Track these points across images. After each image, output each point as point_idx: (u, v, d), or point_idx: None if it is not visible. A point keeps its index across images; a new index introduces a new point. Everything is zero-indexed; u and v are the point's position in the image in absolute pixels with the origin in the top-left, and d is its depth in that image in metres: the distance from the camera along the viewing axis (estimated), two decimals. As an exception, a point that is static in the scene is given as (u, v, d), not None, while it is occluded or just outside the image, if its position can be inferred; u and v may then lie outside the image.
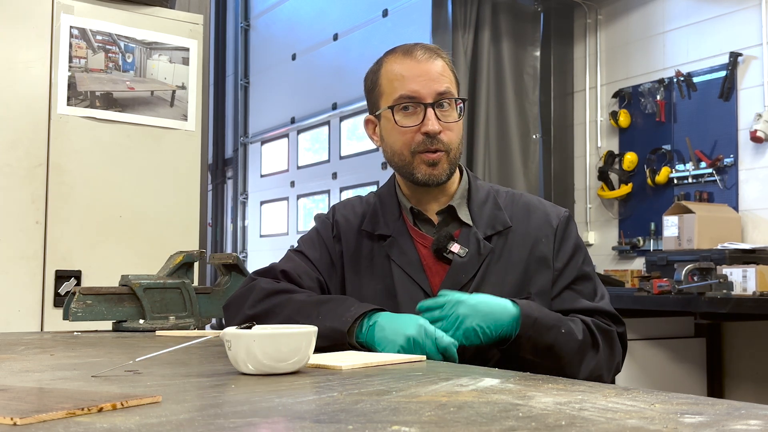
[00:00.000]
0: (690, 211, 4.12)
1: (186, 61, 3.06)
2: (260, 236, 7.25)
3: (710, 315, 3.50)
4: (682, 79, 4.60)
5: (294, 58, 6.70)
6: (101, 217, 2.85)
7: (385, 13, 5.59)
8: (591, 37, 5.23)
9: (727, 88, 4.35)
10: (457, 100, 1.50)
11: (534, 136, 5.12)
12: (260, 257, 7.06)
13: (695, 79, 4.55)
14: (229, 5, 7.67)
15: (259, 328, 1.13)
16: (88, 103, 2.85)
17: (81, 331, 1.92)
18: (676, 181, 4.64)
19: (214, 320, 2.46)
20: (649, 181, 4.74)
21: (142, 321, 1.96)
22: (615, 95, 5.02)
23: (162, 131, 2.99)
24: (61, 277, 2.75)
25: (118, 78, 2.92)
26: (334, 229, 1.60)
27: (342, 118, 6.07)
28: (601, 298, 1.51)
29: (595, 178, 5.15)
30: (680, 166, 4.61)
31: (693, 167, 4.52)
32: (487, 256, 1.49)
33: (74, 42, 2.83)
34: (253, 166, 7.38)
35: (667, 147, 4.69)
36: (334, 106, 6.08)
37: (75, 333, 1.89)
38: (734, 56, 4.31)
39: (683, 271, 3.46)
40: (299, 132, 6.66)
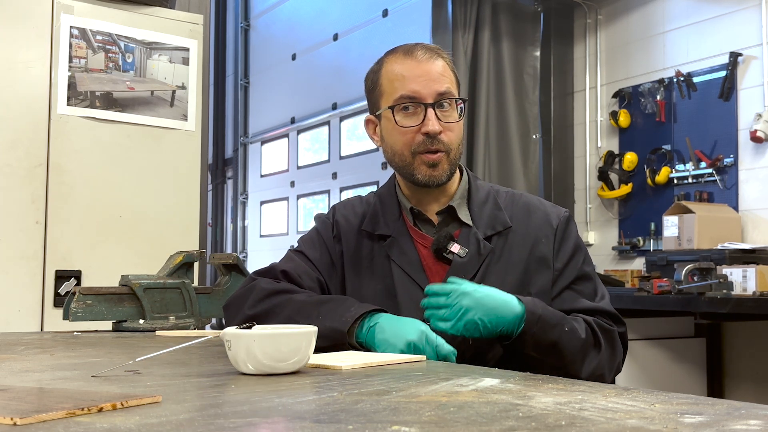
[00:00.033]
0: (690, 211, 4.12)
1: (186, 61, 3.06)
2: (260, 236, 7.25)
3: (710, 315, 3.50)
4: (682, 79, 4.60)
5: (294, 58, 6.70)
6: (101, 217, 2.85)
7: (385, 13, 5.59)
8: (591, 37, 5.23)
9: (727, 88, 4.35)
10: (457, 100, 1.50)
11: (534, 136, 5.12)
12: (260, 257, 7.06)
13: (695, 79, 4.55)
14: (229, 5, 7.67)
15: (259, 328, 1.13)
16: (88, 103, 2.85)
17: (81, 331, 1.92)
18: (676, 181, 4.64)
19: (214, 320, 2.46)
20: (649, 181, 4.74)
21: (142, 321, 1.96)
22: (615, 95, 5.02)
23: (162, 131, 2.99)
24: (61, 277, 2.75)
25: (118, 78, 2.92)
26: (335, 229, 1.60)
27: (342, 118, 6.07)
28: (601, 298, 1.51)
29: (595, 178, 5.15)
30: (680, 166, 4.61)
31: (693, 167, 4.52)
32: (487, 256, 1.48)
33: (74, 42, 2.83)
34: (253, 166, 7.38)
35: (667, 147, 4.69)
36: (334, 106, 6.08)
37: (75, 333, 1.89)
38: (734, 56, 4.31)
39: (683, 271, 3.46)
40: (299, 132, 6.66)
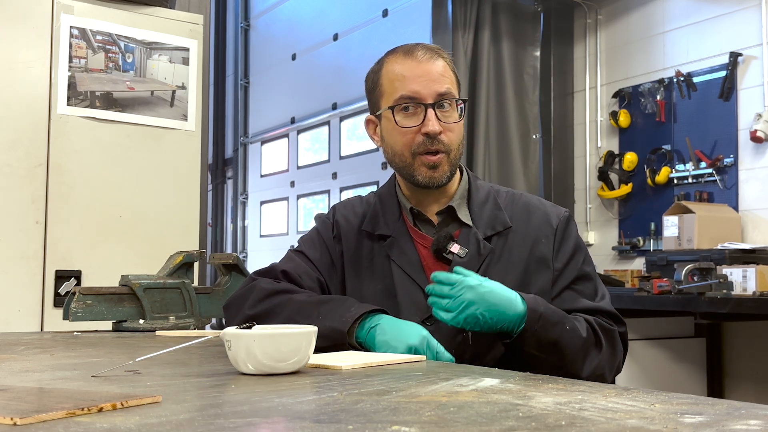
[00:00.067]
0: (690, 211, 4.12)
1: (186, 61, 3.06)
2: (260, 236, 7.25)
3: (710, 315, 3.50)
4: (682, 79, 4.60)
5: (294, 58, 6.70)
6: (101, 217, 2.85)
7: (385, 13, 5.59)
8: (591, 37, 5.23)
9: (727, 88, 4.35)
10: (457, 100, 1.50)
11: (534, 136, 5.11)
12: (260, 257, 7.06)
13: (695, 79, 4.55)
14: (229, 5, 7.67)
15: (259, 328, 1.13)
16: (88, 103, 2.85)
17: (81, 331, 1.92)
18: (676, 181, 4.64)
19: (214, 320, 2.46)
20: (649, 181, 4.74)
21: (142, 321, 1.96)
22: (615, 95, 5.02)
23: (162, 131, 2.99)
24: (61, 277, 2.75)
25: (118, 78, 2.92)
26: (335, 229, 1.60)
27: (342, 118, 6.07)
28: (601, 298, 1.51)
29: (595, 178, 5.15)
30: (680, 166, 4.61)
31: (693, 167, 4.52)
32: (487, 256, 1.48)
33: (74, 42, 2.83)
34: (253, 166, 7.38)
35: (667, 147, 4.69)
36: (334, 106, 6.08)
37: (75, 333, 1.89)
38: (734, 56, 4.31)
39: (683, 271, 3.46)
40: (299, 132, 6.66)
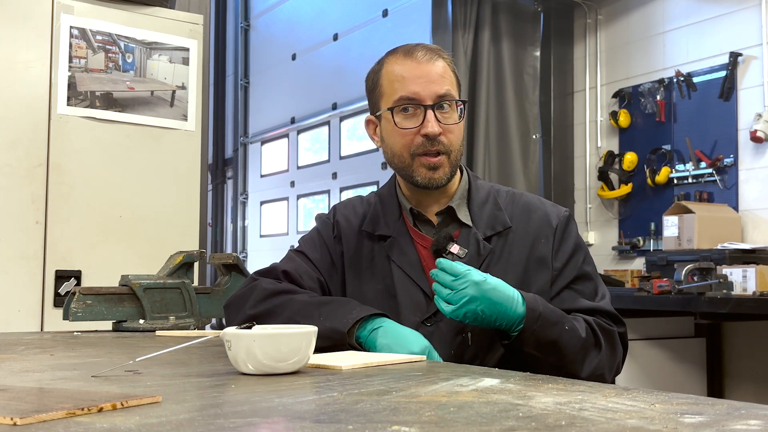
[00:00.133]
0: (690, 211, 4.12)
1: (186, 61, 3.06)
2: (260, 236, 7.25)
3: (710, 315, 3.50)
4: (682, 79, 4.60)
5: (294, 58, 6.70)
6: (101, 217, 2.85)
7: (385, 13, 5.59)
8: (591, 37, 5.23)
9: (727, 88, 4.35)
10: (457, 101, 1.49)
11: (534, 136, 5.12)
12: (260, 257, 7.06)
13: (695, 79, 4.55)
14: (229, 5, 7.67)
15: (259, 328, 1.13)
16: (88, 103, 2.85)
17: (81, 331, 1.92)
18: (676, 181, 4.64)
19: (214, 320, 2.46)
20: (649, 181, 4.74)
21: (142, 321, 1.96)
22: (615, 95, 5.02)
23: (162, 131, 2.99)
24: (61, 277, 2.75)
25: (118, 78, 2.92)
26: (335, 229, 1.59)
27: (342, 118, 6.07)
28: (601, 298, 1.50)
29: (595, 178, 5.15)
30: (680, 166, 4.61)
31: (693, 167, 4.52)
32: (487, 256, 1.48)
33: (74, 42, 2.83)
34: (253, 166, 7.38)
35: (667, 147, 4.69)
36: (334, 106, 6.08)
37: (75, 333, 1.89)
38: (734, 56, 4.31)
39: (683, 271, 3.46)
40: (299, 132, 6.66)
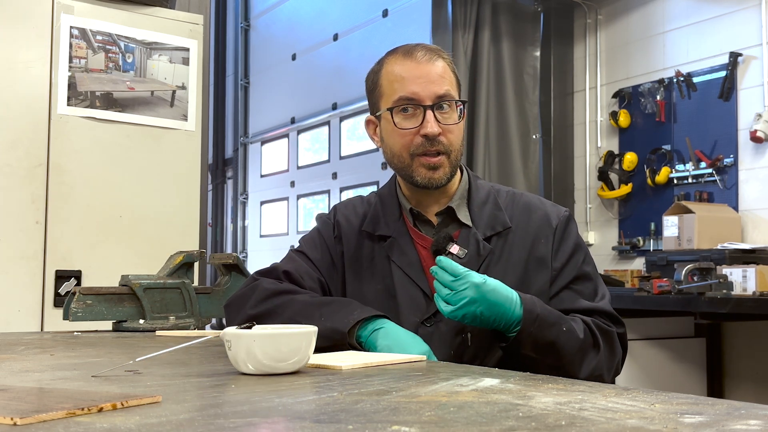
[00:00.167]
0: (690, 211, 4.12)
1: (186, 61, 3.06)
2: (260, 236, 7.25)
3: (710, 315, 3.50)
4: (682, 79, 4.60)
5: (294, 58, 6.70)
6: (101, 217, 2.85)
7: (385, 13, 5.59)
8: (591, 37, 5.23)
9: (727, 88, 4.35)
10: (457, 102, 1.49)
11: (534, 136, 5.11)
12: (260, 257, 7.06)
13: (695, 79, 4.55)
14: (229, 5, 7.67)
15: (259, 328, 1.13)
16: (88, 103, 2.85)
17: (81, 331, 1.92)
18: (676, 181, 4.64)
19: (214, 320, 2.46)
20: (649, 181, 4.74)
21: (142, 321, 1.96)
22: (615, 95, 5.02)
23: (162, 131, 2.99)
24: (61, 277, 2.75)
25: (118, 78, 2.92)
26: (336, 229, 1.59)
27: (342, 118, 6.07)
28: (601, 299, 1.49)
29: (595, 178, 5.15)
30: (680, 166, 4.61)
31: (693, 167, 4.52)
32: (487, 257, 1.48)
33: (74, 42, 2.83)
34: (253, 166, 7.38)
35: (667, 147, 4.69)
36: (334, 106, 6.08)
37: (75, 333, 1.89)
38: (734, 56, 4.31)
39: (683, 271, 3.46)
40: (299, 132, 6.66)
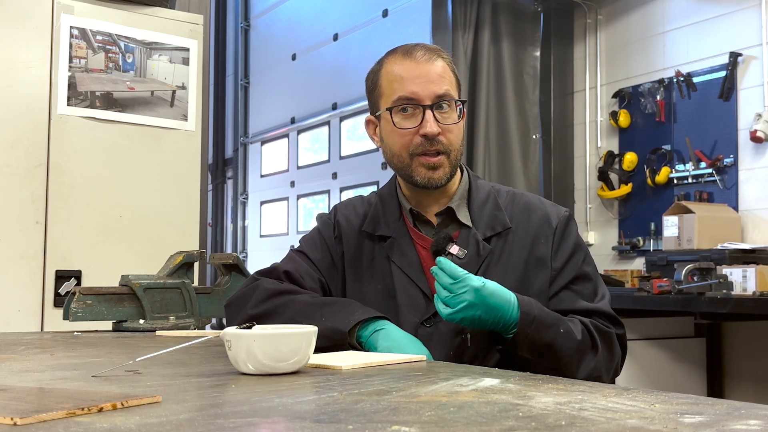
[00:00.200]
0: (690, 211, 4.12)
1: (186, 61, 3.06)
2: (260, 236, 7.25)
3: (710, 315, 3.50)
4: (682, 79, 4.60)
5: (294, 58, 6.70)
6: (101, 217, 2.85)
7: (385, 13, 5.59)
8: (591, 37, 5.23)
9: (727, 88, 4.35)
10: (456, 101, 1.49)
11: (534, 136, 5.11)
12: (260, 257, 7.06)
13: (695, 79, 4.55)
14: (229, 5, 7.67)
15: (259, 328, 1.13)
16: (88, 103, 2.85)
17: (81, 331, 1.92)
18: (676, 181, 4.64)
19: (214, 320, 2.46)
20: (649, 181, 4.74)
21: (142, 321, 1.96)
22: (615, 95, 5.02)
23: (162, 131, 2.99)
24: (61, 277, 2.75)
25: (118, 78, 2.92)
26: (336, 229, 1.59)
27: (342, 118, 6.07)
28: (601, 299, 1.49)
29: (595, 178, 5.15)
30: (680, 166, 4.61)
31: (693, 167, 4.52)
32: (487, 257, 1.47)
33: (74, 42, 2.83)
34: (253, 166, 7.37)
35: (667, 147, 4.69)
36: (334, 106, 6.08)
37: (75, 333, 1.89)
38: (734, 56, 4.31)
39: (683, 271, 3.46)
40: (299, 132, 6.66)
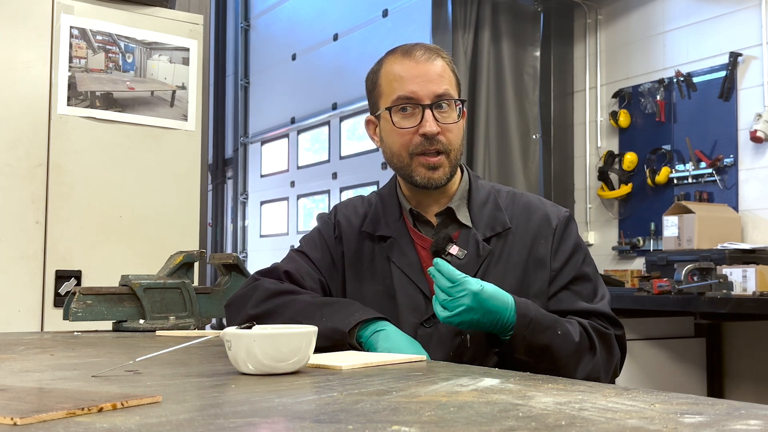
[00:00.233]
0: (690, 211, 4.12)
1: (186, 61, 3.06)
2: (260, 236, 7.25)
3: (710, 315, 3.50)
4: (682, 79, 4.60)
5: (294, 58, 6.70)
6: (101, 217, 2.85)
7: (385, 13, 5.59)
8: (591, 37, 5.23)
9: (727, 88, 4.35)
10: (456, 101, 1.49)
11: (534, 136, 5.11)
12: (260, 257, 7.06)
13: (695, 79, 4.55)
14: (229, 5, 7.67)
15: (259, 328, 1.13)
16: (88, 103, 2.85)
17: (81, 331, 1.92)
18: (676, 181, 4.64)
19: (214, 320, 2.46)
20: (649, 181, 4.74)
21: (142, 321, 1.96)
22: (615, 95, 5.02)
23: (162, 131, 2.99)
24: (61, 277, 2.75)
25: (118, 78, 2.92)
26: (336, 229, 1.59)
27: (342, 118, 6.07)
28: (600, 299, 1.49)
29: (595, 178, 5.15)
30: (680, 166, 4.61)
31: (693, 167, 4.52)
32: (486, 257, 1.47)
33: (74, 42, 2.83)
34: (253, 166, 7.38)
35: (667, 147, 4.69)
36: (334, 106, 6.08)
37: (75, 333, 1.89)
38: (734, 56, 4.31)
39: (683, 271, 3.46)
40: (299, 132, 6.66)
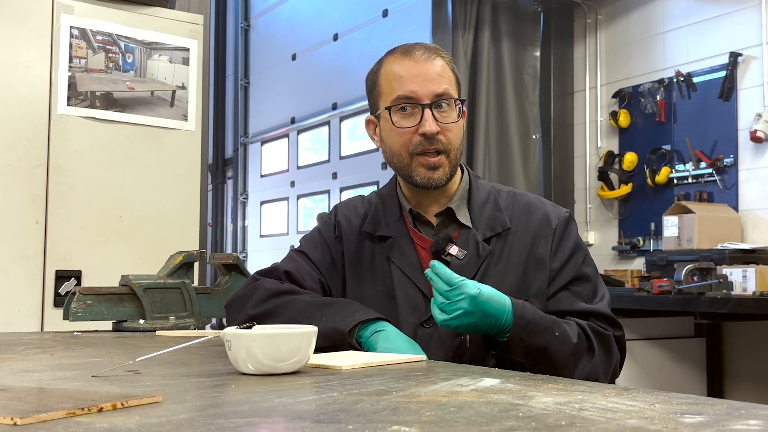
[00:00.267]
0: (690, 211, 4.12)
1: (186, 61, 3.06)
2: (260, 236, 7.25)
3: (710, 315, 3.50)
4: (682, 79, 4.60)
5: (294, 58, 6.70)
6: (101, 217, 2.85)
7: (385, 13, 5.59)
8: (591, 37, 5.23)
9: (727, 88, 4.35)
10: (456, 100, 1.48)
11: (534, 136, 5.11)
12: (260, 257, 7.06)
13: (695, 79, 4.55)
14: (229, 5, 7.67)
15: (259, 328, 1.13)
16: (88, 103, 2.85)
17: (81, 331, 1.92)
18: (676, 181, 4.64)
19: (214, 320, 2.46)
20: (649, 181, 4.74)
21: (142, 321, 1.96)
22: (615, 95, 5.02)
23: (162, 131, 2.99)
24: (61, 277, 2.75)
25: (118, 78, 2.92)
26: (336, 229, 1.59)
27: (342, 118, 6.07)
28: (600, 300, 1.48)
29: (595, 178, 5.15)
30: (680, 166, 4.61)
31: (693, 167, 4.52)
32: (486, 258, 1.47)
33: (74, 42, 2.83)
34: (253, 166, 7.37)
35: (667, 147, 4.69)
36: (334, 106, 6.08)
37: (75, 333, 1.89)
38: (734, 56, 4.31)
39: (683, 271, 3.46)
40: (299, 132, 6.66)
